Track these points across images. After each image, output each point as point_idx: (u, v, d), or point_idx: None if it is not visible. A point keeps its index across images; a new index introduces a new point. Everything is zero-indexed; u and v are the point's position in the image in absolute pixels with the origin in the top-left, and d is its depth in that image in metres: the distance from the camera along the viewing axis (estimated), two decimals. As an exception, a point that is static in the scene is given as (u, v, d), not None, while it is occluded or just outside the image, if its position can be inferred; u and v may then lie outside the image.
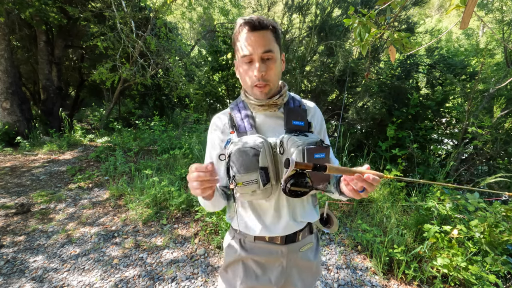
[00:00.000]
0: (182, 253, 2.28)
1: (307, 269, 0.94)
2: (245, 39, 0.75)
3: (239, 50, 0.78)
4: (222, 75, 6.52)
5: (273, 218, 0.85)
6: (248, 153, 0.74)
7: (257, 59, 0.76)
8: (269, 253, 0.87)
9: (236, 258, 0.90)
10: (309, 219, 0.89)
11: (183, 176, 3.54)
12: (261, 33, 0.75)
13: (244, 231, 0.88)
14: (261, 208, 0.86)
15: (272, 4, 5.77)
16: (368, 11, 1.43)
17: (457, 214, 2.13)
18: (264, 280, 0.88)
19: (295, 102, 0.90)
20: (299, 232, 0.89)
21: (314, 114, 0.93)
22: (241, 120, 0.84)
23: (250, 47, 0.75)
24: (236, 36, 0.79)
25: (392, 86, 4.11)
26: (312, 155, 0.72)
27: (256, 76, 0.77)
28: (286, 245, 0.87)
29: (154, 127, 5.29)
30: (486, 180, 2.63)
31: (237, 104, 0.90)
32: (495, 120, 3.07)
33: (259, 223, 0.85)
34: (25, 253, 2.25)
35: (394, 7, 1.24)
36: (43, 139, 5.64)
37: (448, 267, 1.81)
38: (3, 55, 5.27)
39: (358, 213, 2.93)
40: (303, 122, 0.84)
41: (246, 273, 0.88)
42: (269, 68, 0.78)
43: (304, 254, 0.92)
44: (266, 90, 0.80)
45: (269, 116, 0.87)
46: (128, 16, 5.20)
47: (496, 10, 7.53)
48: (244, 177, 0.74)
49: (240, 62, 0.80)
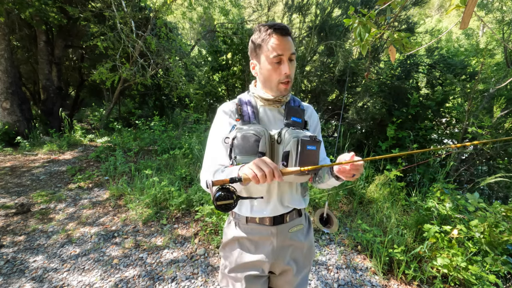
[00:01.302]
0: (182, 253, 2.28)
1: (298, 249, 1.03)
2: (277, 42, 0.87)
3: (270, 51, 0.88)
4: (222, 75, 6.52)
5: (263, 201, 0.96)
6: (250, 138, 0.85)
7: (286, 60, 0.88)
8: (260, 233, 0.97)
9: (233, 239, 1.01)
10: (295, 205, 0.99)
11: (183, 176, 3.54)
12: (288, 38, 0.89)
13: (237, 212, 0.98)
14: (253, 191, 0.96)
15: (272, 4, 5.77)
16: (368, 11, 1.43)
17: (457, 214, 2.13)
18: (257, 256, 0.98)
19: (295, 102, 1.02)
20: (286, 214, 0.98)
21: (311, 115, 1.06)
22: (246, 111, 0.95)
23: (282, 49, 0.87)
24: (262, 38, 0.89)
25: (392, 86, 4.11)
26: (305, 146, 0.83)
27: (286, 74, 0.89)
28: (275, 226, 0.97)
29: (154, 127, 5.28)
30: (486, 180, 2.63)
31: (243, 98, 1.01)
32: (495, 120, 3.07)
33: (250, 205, 0.96)
34: (25, 253, 2.25)
35: (394, 7, 1.24)
36: (43, 139, 5.64)
37: (448, 267, 1.81)
38: (3, 55, 5.27)
39: (358, 213, 2.92)
40: (301, 119, 0.96)
41: (241, 250, 0.99)
42: (293, 68, 0.92)
43: (293, 234, 1.01)
44: (289, 86, 0.93)
45: (272, 111, 0.98)
46: (128, 16, 5.20)
47: (496, 10, 7.53)
48: (244, 159, 0.85)
49: (268, 62, 0.89)
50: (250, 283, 0.97)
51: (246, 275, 0.97)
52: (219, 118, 0.99)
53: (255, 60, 0.95)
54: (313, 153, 0.86)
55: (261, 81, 0.96)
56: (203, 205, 2.75)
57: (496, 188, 3.39)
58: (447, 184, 2.64)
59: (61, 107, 5.98)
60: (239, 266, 0.99)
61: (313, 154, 0.86)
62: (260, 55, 0.91)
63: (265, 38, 0.88)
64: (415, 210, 2.71)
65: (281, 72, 0.89)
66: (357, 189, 3.20)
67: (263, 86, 0.96)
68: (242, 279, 0.97)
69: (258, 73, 0.96)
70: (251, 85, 1.01)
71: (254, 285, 0.98)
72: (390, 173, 3.12)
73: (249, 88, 1.02)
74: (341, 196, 3.14)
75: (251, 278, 0.98)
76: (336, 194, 3.06)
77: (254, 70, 0.97)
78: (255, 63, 0.95)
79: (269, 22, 0.90)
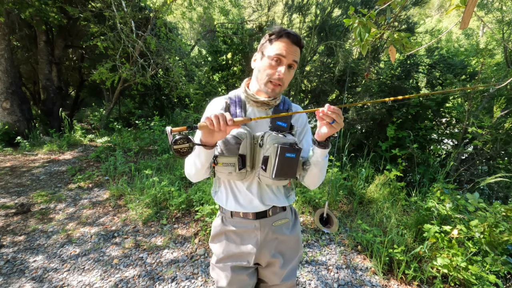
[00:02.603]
0: (182, 253, 2.28)
1: (284, 242, 1.06)
2: (285, 45, 0.88)
3: (275, 49, 0.89)
4: (222, 75, 6.51)
5: (245, 197, 0.99)
6: (231, 140, 0.89)
7: (285, 63, 0.89)
8: (245, 226, 1.01)
9: (220, 231, 1.05)
10: (276, 204, 1.01)
11: (183, 176, 3.54)
12: (296, 48, 0.90)
13: (223, 206, 1.02)
14: (237, 188, 1.00)
15: (272, 4, 5.77)
16: (368, 11, 1.43)
17: (457, 214, 2.13)
18: (242, 248, 1.02)
19: (285, 105, 1.03)
20: (268, 210, 1.01)
21: (299, 118, 1.06)
22: (234, 110, 0.96)
23: (287, 52, 0.88)
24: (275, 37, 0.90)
25: (392, 86, 4.12)
26: (284, 153, 0.85)
27: (278, 74, 0.89)
28: (258, 220, 1.00)
29: (154, 127, 5.29)
30: (486, 180, 2.63)
31: (234, 95, 1.01)
32: (495, 120, 3.07)
33: (234, 200, 1.00)
34: (25, 253, 2.25)
35: (394, 7, 1.24)
36: (43, 139, 5.64)
37: (448, 267, 1.81)
38: (3, 55, 5.27)
39: (358, 213, 2.92)
40: (286, 124, 0.96)
41: (228, 241, 1.03)
42: (289, 75, 0.92)
43: (278, 228, 1.04)
44: (277, 89, 0.92)
45: (260, 113, 0.99)
46: (128, 16, 5.19)
47: (496, 10, 7.53)
48: (224, 159, 0.91)
49: (269, 58, 0.90)
50: (236, 273, 1.01)
51: (232, 265, 1.02)
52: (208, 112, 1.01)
53: (259, 54, 0.96)
54: (292, 160, 0.87)
55: (255, 74, 0.97)
56: (203, 205, 2.75)
57: (496, 188, 3.40)
58: (447, 184, 2.64)
59: (61, 107, 5.99)
60: (225, 257, 1.03)
61: (291, 161, 0.87)
62: (265, 50, 0.92)
63: (277, 38, 0.90)
64: (415, 210, 2.71)
65: (276, 71, 0.89)
66: (357, 189, 3.20)
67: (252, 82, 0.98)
68: (228, 268, 1.02)
69: (255, 66, 0.97)
70: (243, 84, 1.01)
71: (240, 275, 1.02)
72: (390, 173, 3.12)
73: (241, 86, 1.02)
74: (341, 196, 3.14)
75: (237, 268, 1.02)
76: (336, 194, 3.06)
77: (254, 63, 0.99)
78: (258, 57, 0.96)
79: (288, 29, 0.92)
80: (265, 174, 0.90)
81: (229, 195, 1.01)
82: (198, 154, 0.89)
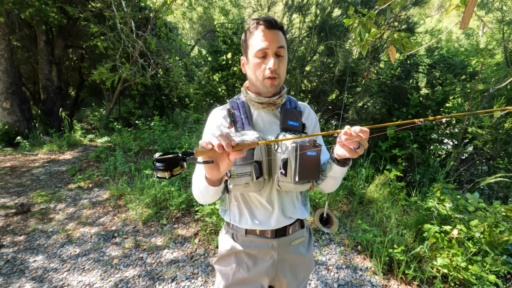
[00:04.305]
0: (182, 253, 2.28)
1: (299, 263, 0.96)
2: (261, 35, 0.80)
3: (254, 45, 0.81)
4: (222, 75, 6.52)
5: (265, 212, 0.89)
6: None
7: (271, 54, 0.80)
8: (260, 246, 0.90)
9: (229, 252, 0.93)
10: (298, 216, 0.92)
11: (183, 176, 3.54)
12: (276, 31, 0.81)
13: (236, 224, 0.91)
14: (253, 202, 0.90)
15: (272, 4, 5.77)
16: (368, 11, 1.43)
17: (457, 214, 2.13)
18: (255, 271, 0.90)
19: (292, 103, 0.95)
20: (289, 226, 0.92)
21: (309, 115, 0.98)
22: (239, 116, 0.88)
23: (267, 42, 0.79)
24: (249, 33, 0.83)
25: (392, 86, 4.12)
26: (304, 152, 0.77)
27: (270, 69, 0.81)
28: (277, 238, 0.90)
29: (154, 127, 5.29)
30: (486, 180, 2.63)
31: (236, 100, 0.93)
32: (495, 120, 3.07)
33: (250, 216, 0.89)
34: (25, 253, 2.25)
35: (394, 7, 1.24)
36: (43, 139, 5.64)
37: (448, 267, 1.81)
38: (3, 55, 5.27)
39: (358, 213, 2.92)
40: (298, 123, 0.88)
41: (238, 265, 0.91)
42: (281, 64, 0.83)
43: (295, 248, 0.94)
44: (276, 82, 0.84)
45: (267, 114, 0.91)
46: (128, 16, 5.19)
47: (496, 10, 7.53)
48: (238, 169, 0.78)
49: (253, 57, 0.83)
50: None
51: None
52: (210, 127, 0.92)
53: (245, 56, 0.88)
54: (314, 159, 0.79)
55: (249, 77, 0.89)
56: (203, 205, 2.75)
57: (496, 188, 3.40)
58: (447, 184, 2.64)
59: (61, 107, 5.98)
60: (235, 283, 0.92)
61: (313, 160, 0.79)
62: (248, 50, 0.85)
63: (252, 32, 0.82)
64: (415, 210, 2.71)
65: (265, 67, 0.81)
66: (357, 189, 3.20)
67: (250, 85, 0.91)
68: None
69: (246, 69, 0.89)
70: (243, 88, 0.94)
71: None
72: (390, 173, 3.12)
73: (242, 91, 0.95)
74: (341, 196, 3.14)
75: None
76: (336, 194, 3.06)
77: (244, 67, 0.91)
78: (245, 60, 0.89)
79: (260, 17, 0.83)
80: (285, 179, 0.80)
81: (243, 211, 0.90)
82: (207, 191, 0.79)
